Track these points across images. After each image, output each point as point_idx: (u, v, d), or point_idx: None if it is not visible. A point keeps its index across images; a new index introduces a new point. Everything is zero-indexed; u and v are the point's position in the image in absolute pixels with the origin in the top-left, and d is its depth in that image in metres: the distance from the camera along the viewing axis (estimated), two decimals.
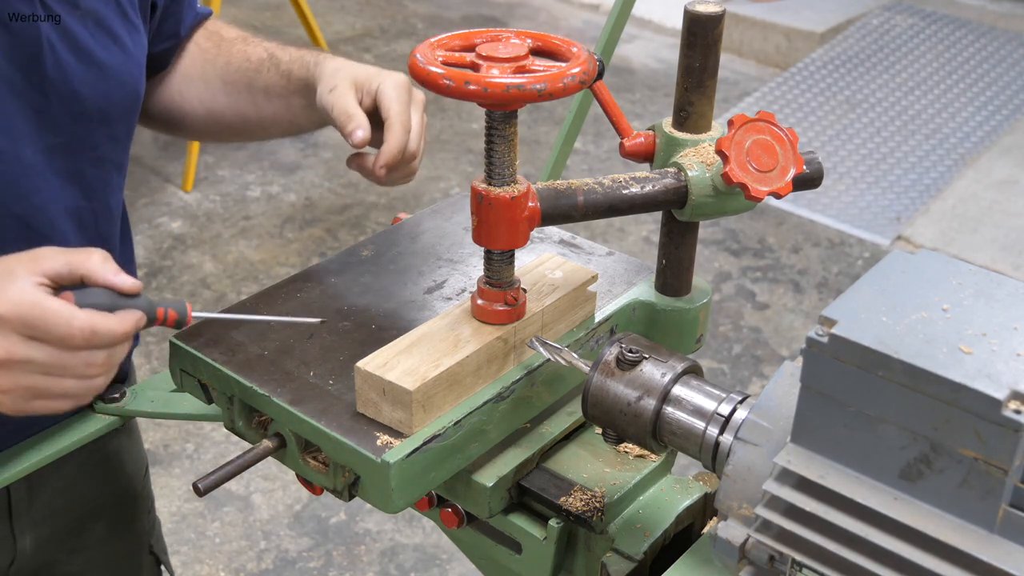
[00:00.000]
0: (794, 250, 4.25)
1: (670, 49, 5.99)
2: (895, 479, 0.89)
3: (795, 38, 5.85)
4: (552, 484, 1.23)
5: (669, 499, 1.26)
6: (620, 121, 1.32)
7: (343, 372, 1.22)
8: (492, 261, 1.20)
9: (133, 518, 1.65)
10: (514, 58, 1.10)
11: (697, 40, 1.23)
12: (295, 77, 1.43)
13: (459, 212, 1.57)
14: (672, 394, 1.08)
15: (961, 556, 0.85)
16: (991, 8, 6.15)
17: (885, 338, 0.86)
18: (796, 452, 0.94)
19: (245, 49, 1.51)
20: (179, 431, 3.17)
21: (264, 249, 4.01)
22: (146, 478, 1.68)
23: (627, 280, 1.43)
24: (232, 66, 1.50)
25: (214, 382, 1.26)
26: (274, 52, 1.48)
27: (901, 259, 0.98)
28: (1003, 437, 0.81)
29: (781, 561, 0.95)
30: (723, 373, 3.55)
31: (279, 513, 2.93)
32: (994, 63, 5.58)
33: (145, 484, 1.68)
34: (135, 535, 1.66)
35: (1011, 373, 0.83)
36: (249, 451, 1.18)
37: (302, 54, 1.45)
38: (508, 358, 1.22)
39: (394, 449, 1.11)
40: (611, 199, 1.22)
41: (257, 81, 1.47)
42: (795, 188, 1.19)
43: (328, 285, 1.40)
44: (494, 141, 1.14)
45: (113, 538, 1.60)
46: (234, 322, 1.31)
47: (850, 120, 5.13)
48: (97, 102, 1.28)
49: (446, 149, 4.88)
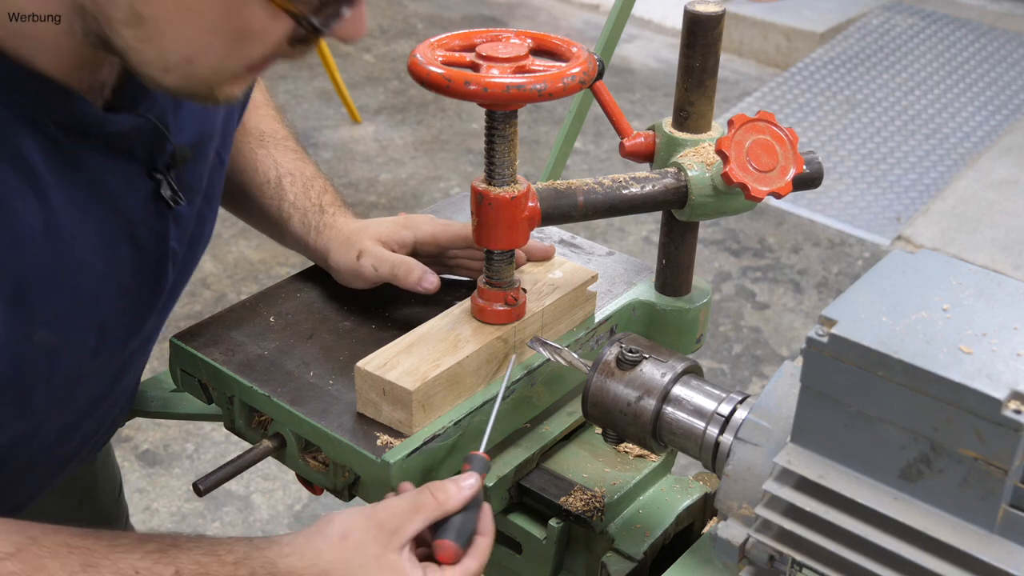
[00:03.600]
0: (794, 250, 4.25)
1: (670, 49, 5.99)
2: (895, 479, 0.89)
3: (795, 38, 5.85)
4: (552, 484, 1.23)
5: (669, 499, 1.26)
6: (620, 121, 1.32)
7: (343, 372, 1.22)
8: (492, 261, 1.20)
9: None
10: (514, 58, 1.10)
11: (697, 40, 1.23)
12: (294, 224, 1.39)
13: (459, 212, 1.57)
14: (672, 394, 1.08)
15: (961, 556, 0.85)
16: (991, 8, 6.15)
17: (885, 338, 0.86)
18: (796, 452, 0.94)
19: (256, 155, 1.41)
20: (179, 431, 3.16)
21: (264, 249, 4.01)
22: (120, 497, 1.66)
23: (627, 280, 1.43)
24: (237, 165, 1.41)
25: (214, 382, 1.26)
26: (282, 182, 1.40)
27: (901, 259, 0.98)
28: (1003, 437, 0.81)
29: (781, 561, 0.95)
30: (723, 373, 3.55)
31: (279, 513, 2.93)
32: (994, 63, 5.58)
33: (120, 503, 1.65)
34: None
35: (1011, 373, 0.83)
36: (249, 451, 1.18)
37: (306, 208, 1.39)
38: (508, 358, 1.22)
39: (394, 449, 1.11)
40: (611, 199, 1.22)
41: (257, 197, 1.40)
42: (795, 188, 1.19)
43: (328, 285, 1.40)
44: (494, 141, 1.14)
45: None
46: (235, 323, 1.31)
47: (850, 120, 5.12)
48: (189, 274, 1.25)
49: (446, 149, 4.88)
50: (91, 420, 1.20)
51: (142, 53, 0.90)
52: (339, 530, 0.99)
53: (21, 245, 0.94)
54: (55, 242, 0.97)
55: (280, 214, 1.39)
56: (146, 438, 3.13)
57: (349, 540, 0.98)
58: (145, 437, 3.13)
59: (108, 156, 1.02)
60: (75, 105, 0.97)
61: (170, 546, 0.97)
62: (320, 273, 1.42)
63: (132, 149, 1.05)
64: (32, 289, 0.96)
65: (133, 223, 1.07)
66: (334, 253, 1.35)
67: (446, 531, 1.02)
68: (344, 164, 4.70)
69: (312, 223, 1.38)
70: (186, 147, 1.11)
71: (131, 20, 0.88)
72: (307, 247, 1.38)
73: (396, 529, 1.00)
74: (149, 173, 1.08)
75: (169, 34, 0.89)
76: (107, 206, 1.03)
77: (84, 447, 1.25)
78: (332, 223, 1.38)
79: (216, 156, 1.22)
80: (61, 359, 1.02)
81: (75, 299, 1.01)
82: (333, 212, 1.39)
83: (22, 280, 0.94)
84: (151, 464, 3.06)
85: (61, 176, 0.97)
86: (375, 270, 1.32)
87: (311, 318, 1.34)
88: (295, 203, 1.39)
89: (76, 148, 0.98)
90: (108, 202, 1.03)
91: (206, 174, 1.20)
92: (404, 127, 5.04)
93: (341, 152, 4.79)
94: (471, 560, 1.03)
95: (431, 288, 1.31)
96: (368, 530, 0.99)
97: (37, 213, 0.95)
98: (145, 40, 0.89)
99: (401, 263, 1.32)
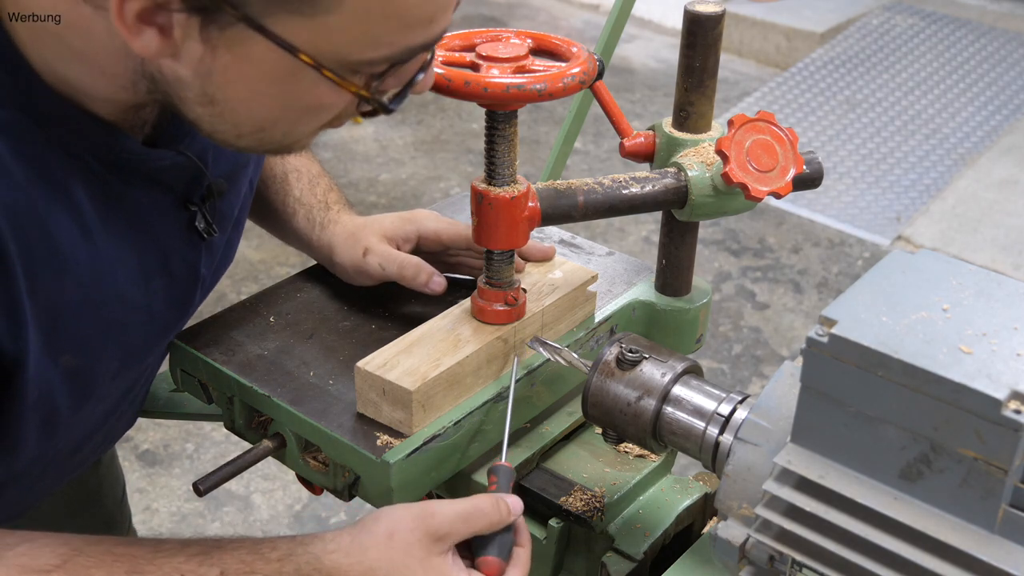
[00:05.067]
0: (794, 250, 4.25)
1: (670, 49, 5.98)
2: (895, 479, 0.89)
3: (795, 38, 5.84)
4: (552, 484, 1.23)
5: (669, 499, 1.26)
6: (620, 121, 1.32)
7: (343, 372, 1.22)
8: (492, 261, 1.20)
9: None
10: (514, 58, 1.10)
11: (697, 40, 1.23)
12: (299, 220, 1.39)
13: (459, 212, 1.57)
14: (672, 394, 1.08)
15: (961, 556, 0.85)
16: (991, 8, 6.15)
17: (885, 338, 0.86)
18: (796, 452, 0.94)
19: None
20: (179, 431, 3.16)
21: (264, 249, 4.01)
22: (124, 501, 1.66)
23: (627, 280, 1.43)
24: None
25: (214, 382, 1.26)
26: (287, 177, 1.40)
27: (901, 259, 0.98)
28: (1003, 437, 0.81)
29: (781, 561, 0.95)
30: (723, 373, 3.55)
31: (279, 513, 2.93)
32: (994, 63, 5.58)
33: (123, 506, 1.65)
34: None
35: (1011, 373, 0.83)
36: (249, 451, 1.18)
37: (311, 204, 1.38)
38: (508, 358, 1.22)
39: (394, 449, 1.11)
40: (611, 199, 1.22)
41: (261, 191, 1.40)
42: (795, 188, 1.19)
43: (328, 285, 1.40)
44: (494, 141, 1.14)
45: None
46: (234, 323, 1.31)
47: (850, 120, 5.12)
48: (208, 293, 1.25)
49: (446, 149, 4.88)
50: (102, 431, 1.20)
51: (215, 125, 0.92)
52: (385, 528, 0.98)
53: (63, 278, 0.94)
54: (95, 275, 0.98)
55: (284, 209, 1.39)
56: (146, 438, 3.13)
57: (395, 540, 0.98)
58: (145, 437, 3.13)
59: (146, 189, 1.03)
60: (121, 143, 0.98)
61: (213, 548, 0.97)
62: (320, 273, 1.42)
63: (170, 182, 1.05)
64: (66, 318, 0.96)
65: (167, 254, 1.08)
66: (339, 249, 1.35)
67: (490, 547, 1.02)
68: (344, 164, 4.70)
69: (317, 219, 1.38)
70: (222, 181, 1.12)
71: (203, 101, 0.89)
72: (310, 243, 1.38)
73: (445, 535, 0.99)
74: (184, 204, 1.08)
75: (242, 112, 0.90)
76: (144, 238, 1.04)
77: (92, 455, 1.25)
78: (337, 219, 1.37)
79: (248, 184, 1.22)
80: (85, 381, 1.03)
81: (106, 327, 1.02)
82: (338, 209, 1.39)
83: (59, 310, 0.95)
84: (151, 464, 3.06)
85: (104, 211, 0.98)
86: (382, 268, 1.32)
87: (311, 318, 1.34)
88: (300, 199, 1.39)
89: (117, 183, 0.99)
90: (145, 234, 1.04)
91: (238, 204, 1.21)
92: (404, 127, 5.04)
93: (341, 152, 4.78)
94: (514, 571, 1.03)
95: (438, 290, 1.31)
96: (415, 532, 0.98)
97: (82, 248, 0.96)
98: (218, 116, 0.90)
99: (409, 263, 1.31)
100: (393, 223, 1.36)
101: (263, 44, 0.82)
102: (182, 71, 0.86)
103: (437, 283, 1.31)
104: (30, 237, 0.89)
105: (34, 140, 0.90)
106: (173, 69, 0.86)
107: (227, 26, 0.82)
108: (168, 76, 0.88)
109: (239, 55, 0.84)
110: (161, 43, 0.82)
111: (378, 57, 0.87)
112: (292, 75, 0.86)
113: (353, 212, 1.40)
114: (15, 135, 0.89)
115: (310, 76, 0.85)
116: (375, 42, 0.85)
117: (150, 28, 0.82)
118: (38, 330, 0.93)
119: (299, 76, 0.85)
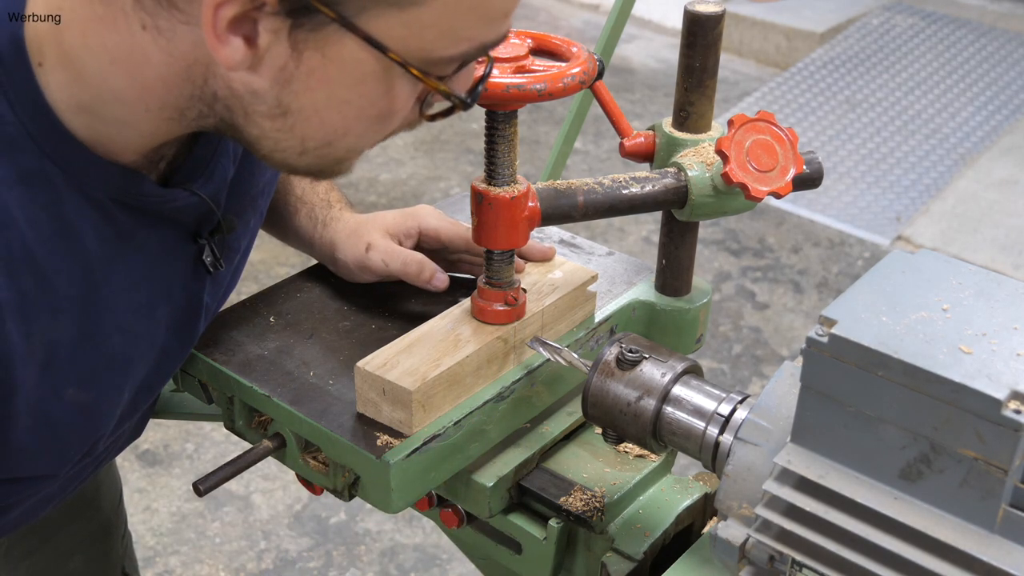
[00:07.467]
0: (794, 250, 4.25)
1: (670, 49, 5.98)
2: (895, 479, 0.89)
3: (795, 38, 5.85)
4: (552, 484, 1.23)
5: (669, 499, 1.26)
6: (620, 121, 1.32)
7: (343, 372, 1.22)
8: (492, 261, 1.20)
9: (109, 548, 1.62)
10: (514, 58, 1.10)
11: (697, 40, 1.23)
12: (301, 218, 1.38)
13: (459, 212, 1.57)
14: (672, 394, 1.08)
15: (961, 556, 0.85)
16: (991, 8, 6.15)
17: (885, 338, 0.86)
18: (796, 452, 0.94)
19: None
20: (179, 431, 3.16)
21: (264, 249, 4.01)
22: (120, 505, 1.66)
23: (627, 280, 1.43)
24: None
25: (214, 382, 1.25)
26: (289, 176, 1.39)
27: (901, 259, 0.98)
28: (1003, 437, 0.81)
29: (781, 561, 0.95)
30: (723, 373, 3.55)
31: (279, 513, 2.93)
32: (994, 63, 5.58)
33: (120, 511, 1.65)
34: (111, 562, 1.63)
35: (1011, 373, 0.83)
36: (249, 451, 1.18)
37: (313, 202, 1.38)
38: (508, 358, 1.22)
39: (394, 449, 1.11)
40: (611, 199, 1.22)
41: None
42: (795, 188, 1.19)
43: (328, 285, 1.39)
44: (494, 141, 1.14)
45: (89, 570, 1.58)
46: (234, 323, 1.31)
47: (850, 120, 5.12)
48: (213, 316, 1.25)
49: (446, 149, 4.88)
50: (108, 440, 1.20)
51: (279, 141, 0.91)
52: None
53: (59, 316, 0.94)
54: (94, 310, 0.97)
55: (286, 207, 1.39)
56: (146, 438, 3.13)
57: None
58: (145, 437, 3.13)
59: (157, 226, 1.02)
60: (139, 186, 0.97)
61: None
62: (320, 273, 1.42)
63: (181, 219, 1.05)
64: (64, 353, 0.96)
65: (172, 286, 1.08)
66: (341, 246, 1.35)
67: None
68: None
69: (319, 217, 1.38)
70: (233, 217, 1.12)
71: (275, 113, 0.88)
72: (312, 241, 1.38)
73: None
74: (194, 238, 1.08)
75: (315, 123, 0.89)
76: (150, 272, 1.04)
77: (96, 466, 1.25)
78: (339, 216, 1.38)
79: (257, 213, 1.23)
80: (93, 413, 1.03)
81: (109, 360, 1.01)
82: (340, 207, 1.39)
83: (56, 346, 0.95)
84: (151, 464, 3.07)
85: (111, 250, 0.97)
86: (385, 265, 1.32)
87: (311, 318, 1.33)
88: (302, 197, 1.39)
89: (129, 221, 0.99)
90: (152, 268, 1.04)
91: (247, 237, 1.20)
92: None
93: None
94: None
95: (441, 287, 1.31)
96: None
97: (80, 286, 0.95)
98: (287, 130, 0.89)
99: (412, 259, 1.32)
100: (395, 219, 1.36)
101: (352, 44, 0.82)
102: (259, 82, 0.85)
103: (440, 280, 1.31)
104: (24, 285, 0.89)
105: (53, 186, 0.90)
106: (248, 82, 0.85)
107: (318, 27, 0.81)
108: (239, 90, 0.86)
109: (327, 57, 0.83)
110: (245, 53, 0.82)
111: (457, 54, 0.87)
112: (375, 77, 0.85)
113: (354, 210, 1.40)
114: (35, 183, 0.89)
115: (392, 77, 0.85)
116: (456, 37, 0.85)
117: (237, 38, 0.81)
118: (34, 366, 0.93)
119: (381, 78, 0.85)
